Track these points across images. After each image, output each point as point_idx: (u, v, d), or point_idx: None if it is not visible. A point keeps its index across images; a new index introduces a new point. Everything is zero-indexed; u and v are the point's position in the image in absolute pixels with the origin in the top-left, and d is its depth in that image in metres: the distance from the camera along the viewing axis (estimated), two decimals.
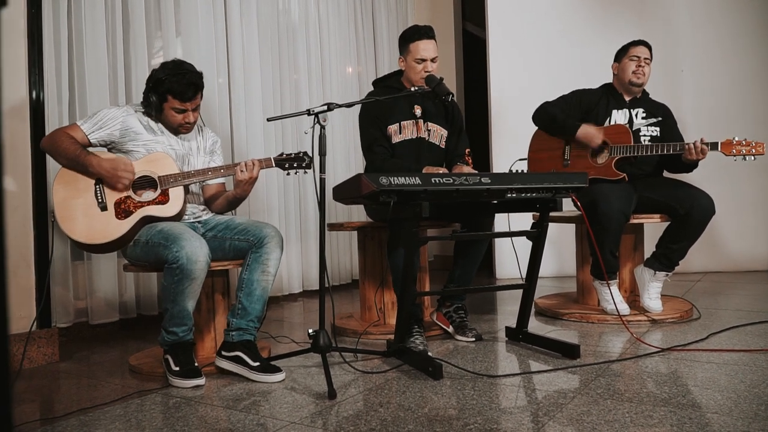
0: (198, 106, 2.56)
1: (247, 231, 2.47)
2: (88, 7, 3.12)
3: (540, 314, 3.42)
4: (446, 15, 5.85)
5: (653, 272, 3.13)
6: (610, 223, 2.98)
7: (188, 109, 2.50)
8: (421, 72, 2.88)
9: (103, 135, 2.44)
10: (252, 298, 2.41)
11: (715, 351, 2.51)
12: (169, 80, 2.43)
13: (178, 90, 2.44)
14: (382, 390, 2.15)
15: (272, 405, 2.03)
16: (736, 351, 2.50)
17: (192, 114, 2.53)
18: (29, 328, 2.44)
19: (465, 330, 2.85)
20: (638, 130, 3.24)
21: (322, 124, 2.37)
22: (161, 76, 2.45)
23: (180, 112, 2.50)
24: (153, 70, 2.53)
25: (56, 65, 2.99)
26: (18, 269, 2.59)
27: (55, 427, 1.89)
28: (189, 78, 2.45)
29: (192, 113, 2.53)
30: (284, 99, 4.25)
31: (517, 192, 2.51)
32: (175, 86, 2.43)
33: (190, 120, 2.53)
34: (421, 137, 2.98)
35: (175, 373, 2.30)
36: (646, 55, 3.24)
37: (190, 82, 2.46)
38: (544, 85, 3.77)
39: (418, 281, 3.12)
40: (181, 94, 2.45)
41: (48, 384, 2.40)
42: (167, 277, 2.25)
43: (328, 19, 4.67)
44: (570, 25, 4.93)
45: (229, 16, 3.88)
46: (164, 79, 2.44)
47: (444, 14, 5.86)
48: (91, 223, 2.34)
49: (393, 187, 2.27)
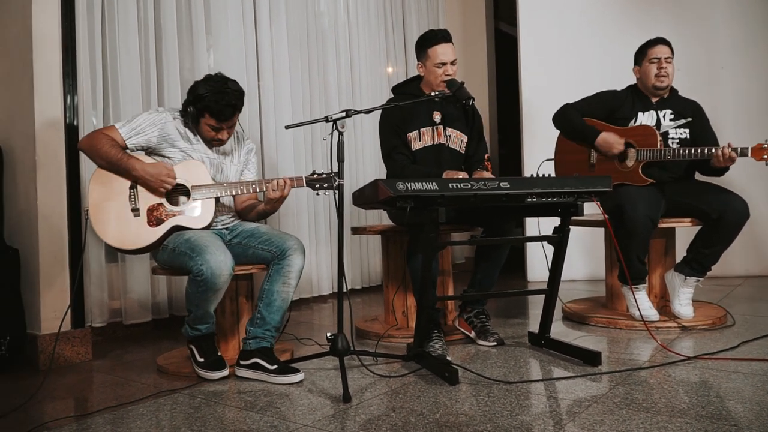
0: (234, 125, 2.57)
1: (270, 242, 2.52)
2: (121, 17, 3.22)
3: (567, 319, 3.38)
4: (478, 14, 5.82)
5: (684, 277, 3.06)
6: (636, 228, 2.92)
7: (224, 128, 2.53)
8: (442, 76, 2.89)
9: (141, 141, 2.49)
10: (271, 308, 2.46)
11: (744, 360, 2.44)
12: (209, 98, 2.42)
13: (215, 110, 2.44)
14: (397, 394, 2.17)
15: (288, 407, 2.07)
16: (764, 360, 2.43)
17: (227, 132, 2.55)
18: (58, 328, 2.53)
19: (487, 335, 2.85)
20: (666, 133, 3.16)
21: (341, 130, 2.40)
22: (203, 92, 2.44)
23: (215, 130, 2.52)
24: (196, 82, 2.52)
25: (91, 73, 3.10)
26: (53, 271, 2.70)
27: (81, 424, 1.98)
28: (228, 99, 2.44)
29: (227, 131, 2.55)
30: (313, 104, 4.29)
31: (538, 197, 2.49)
32: (213, 105, 2.43)
33: (223, 138, 2.55)
34: (440, 143, 2.98)
35: (201, 364, 2.41)
36: (666, 54, 3.16)
37: (229, 103, 2.45)
38: (576, 84, 3.69)
39: (442, 285, 3.13)
40: (218, 114, 2.45)
41: (79, 382, 2.50)
42: (191, 285, 2.31)
43: (357, 23, 4.69)
44: (602, 24, 4.84)
45: (259, 21, 3.94)
46: (205, 96, 2.43)
47: (475, 14, 5.83)
48: (123, 228, 2.41)
49: (409, 192, 2.29)
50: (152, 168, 2.43)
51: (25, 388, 2.38)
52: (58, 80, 2.75)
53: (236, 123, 2.61)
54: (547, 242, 2.65)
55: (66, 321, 2.70)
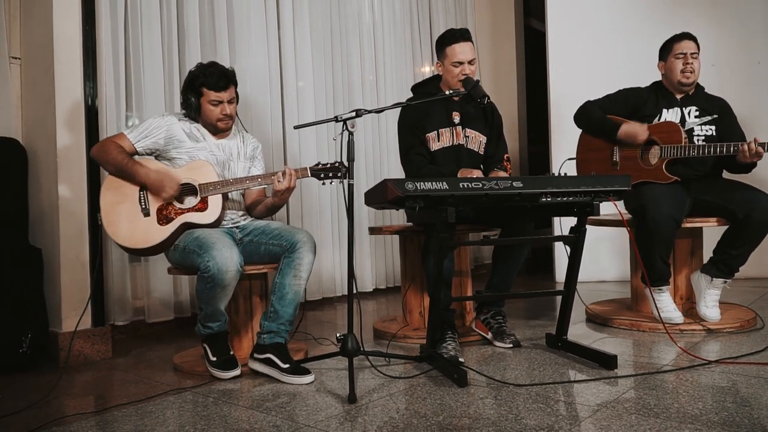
0: (233, 99, 2.66)
1: (280, 236, 2.54)
2: (144, 19, 3.28)
3: (590, 320, 3.30)
4: (507, 12, 5.75)
5: (710, 279, 2.96)
6: (659, 228, 2.84)
7: (223, 101, 2.61)
8: (459, 75, 2.85)
9: (149, 143, 2.57)
10: (284, 301, 2.47)
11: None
12: (202, 74, 2.60)
13: (211, 81, 2.58)
14: (404, 396, 2.15)
15: (293, 407, 2.08)
16: None
17: (228, 106, 2.63)
18: (75, 326, 2.59)
19: (503, 336, 2.80)
20: (692, 130, 3.06)
21: (351, 130, 2.39)
22: (195, 73, 2.62)
23: (216, 105, 2.61)
24: (188, 72, 2.68)
25: (115, 76, 3.16)
26: (74, 270, 2.76)
27: (89, 420, 2.02)
28: (220, 69, 2.62)
29: (228, 105, 2.63)
30: (337, 103, 4.30)
31: (553, 196, 2.44)
32: (208, 78, 2.59)
33: (226, 111, 2.63)
34: (459, 144, 2.95)
35: (213, 363, 2.45)
36: (692, 49, 3.06)
37: (222, 72, 2.62)
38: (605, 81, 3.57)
39: (460, 286, 3.10)
40: (214, 84, 2.58)
41: (95, 380, 2.56)
42: (200, 283, 2.35)
43: (382, 22, 4.68)
44: (632, 20, 4.71)
45: (282, 21, 3.97)
46: (197, 74, 2.61)
47: (505, 11, 5.76)
48: (134, 228, 2.47)
49: (419, 192, 2.26)
50: (155, 174, 2.49)
51: (44, 384, 2.45)
52: (79, 83, 2.82)
53: (235, 100, 2.68)
54: (563, 243, 2.60)
55: (86, 319, 2.79)
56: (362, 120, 4.30)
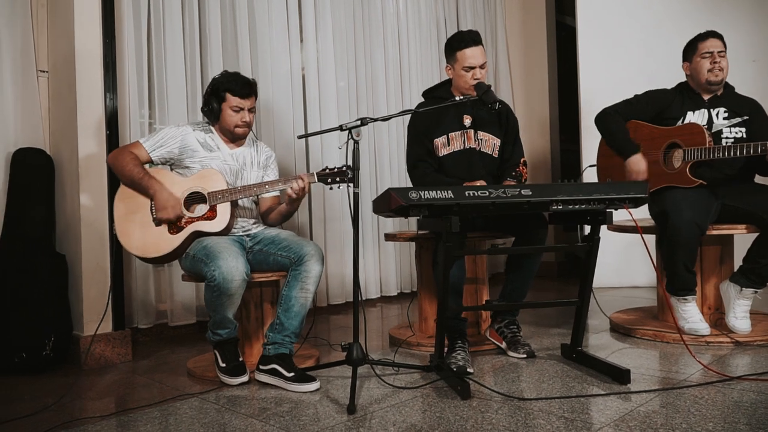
0: (253, 108, 2.72)
1: (289, 248, 2.56)
2: (167, 30, 3.36)
3: (613, 330, 3.21)
4: (538, 8, 5.63)
5: (740, 289, 2.83)
6: (681, 235, 2.73)
7: (245, 108, 2.67)
8: (470, 80, 2.81)
9: (164, 152, 2.62)
10: (289, 313, 2.49)
11: None
12: (226, 80, 2.68)
13: (235, 87, 2.65)
14: (404, 407, 2.13)
15: (293, 416, 2.09)
16: None
17: (248, 114, 2.69)
18: (94, 331, 2.67)
19: (517, 346, 2.75)
20: (719, 132, 2.93)
21: (355, 139, 2.39)
22: (220, 79, 2.70)
23: (237, 111, 2.66)
24: (212, 78, 2.75)
25: (138, 86, 3.26)
26: (95, 276, 2.85)
27: (95, 425, 2.07)
28: (244, 78, 2.71)
29: (248, 113, 2.69)
30: (360, 106, 4.30)
31: (564, 204, 2.38)
32: (232, 84, 2.66)
33: (246, 119, 2.69)
34: (471, 148, 2.90)
35: (223, 369, 2.48)
36: (719, 47, 2.93)
37: (245, 81, 2.70)
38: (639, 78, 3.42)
39: (475, 293, 3.06)
40: (239, 91, 2.65)
41: (109, 383, 2.62)
42: (207, 291, 2.38)
43: (407, 23, 4.64)
44: (668, 13, 4.54)
45: (305, 25, 4.00)
46: (222, 80, 2.68)
47: (536, 7, 5.65)
48: (145, 238, 2.53)
49: (422, 201, 2.24)
50: (162, 195, 2.54)
51: (61, 387, 2.52)
52: (99, 95, 2.90)
53: (254, 110, 2.74)
54: (575, 253, 2.53)
55: (108, 323, 2.87)
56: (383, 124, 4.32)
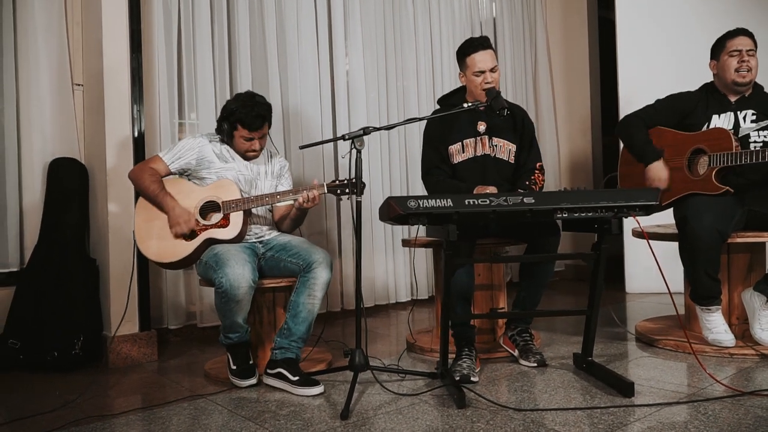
0: (265, 135, 2.79)
1: (298, 255, 2.62)
2: (197, 41, 3.49)
3: (638, 339, 3.12)
4: (580, 3, 5.50)
5: (765, 299, 2.70)
6: (700, 242, 2.63)
7: (255, 138, 2.74)
8: (482, 84, 2.80)
9: (182, 164, 2.74)
10: (297, 319, 2.55)
11: None
12: (239, 111, 2.69)
13: (246, 121, 2.68)
14: (398, 414, 2.16)
15: (288, 420, 2.15)
16: None
17: (258, 142, 2.76)
18: (113, 332, 2.82)
19: (528, 354, 2.72)
20: (747, 136, 2.80)
21: (358, 148, 2.43)
22: (233, 107, 2.71)
23: (247, 140, 2.74)
24: (227, 101, 2.81)
25: (169, 98, 3.40)
26: (122, 279, 2.99)
27: (102, 422, 2.19)
28: (257, 110, 2.69)
29: (258, 141, 2.76)
30: (391, 112, 4.33)
31: (569, 212, 2.35)
32: (244, 117, 2.68)
33: (255, 148, 2.76)
34: (486, 154, 2.89)
35: (233, 371, 2.58)
36: (748, 46, 2.79)
37: (258, 114, 2.69)
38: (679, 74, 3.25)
39: (491, 299, 3.05)
40: (249, 124, 2.69)
41: (128, 382, 2.75)
42: (216, 297, 2.48)
43: (440, 25, 4.62)
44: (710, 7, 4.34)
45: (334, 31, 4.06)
46: (235, 110, 2.70)
47: (578, 2, 5.52)
48: (162, 244, 2.65)
49: (421, 210, 2.26)
50: (176, 210, 2.64)
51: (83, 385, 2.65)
52: (127, 107, 3.05)
53: (267, 135, 2.80)
54: (582, 260, 2.48)
55: (134, 324, 3.03)
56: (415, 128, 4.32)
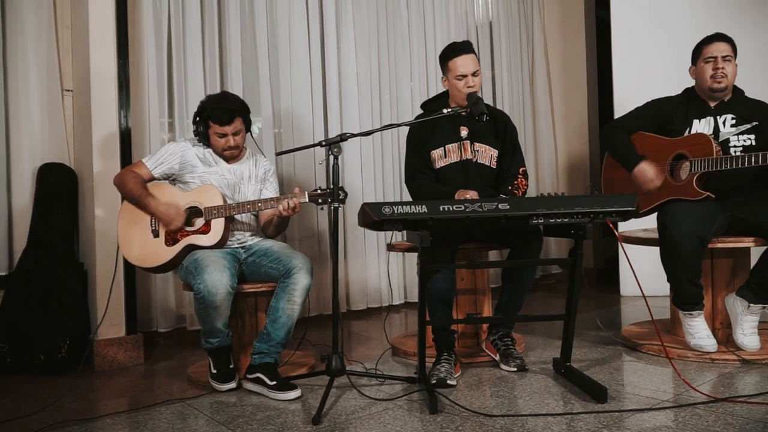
0: (239, 131, 2.78)
1: (279, 260, 2.65)
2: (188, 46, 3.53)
3: (623, 344, 3.11)
4: (577, 3, 5.48)
5: (747, 305, 2.69)
6: (679, 247, 2.62)
7: (228, 134, 2.74)
8: (463, 88, 2.81)
9: (165, 169, 2.77)
10: (276, 324, 2.58)
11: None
12: (209, 107, 2.73)
13: (216, 115, 2.70)
14: (370, 420, 2.17)
15: (261, 425, 2.17)
16: None
17: (233, 138, 2.75)
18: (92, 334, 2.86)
19: (509, 359, 2.73)
20: (727, 141, 2.78)
21: (335, 154, 2.44)
22: (204, 106, 2.76)
23: (221, 137, 2.74)
24: (200, 102, 2.82)
25: (159, 101, 3.44)
26: (108, 284, 3.02)
27: (82, 426, 2.23)
28: (225, 105, 2.72)
29: (233, 137, 2.75)
30: (384, 115, 4.33)
31: (544, 218, 2.35)
32: (214, 112, 2.71)
33: (231, 144, 2.76)
34: (468, 159, 2.90)
35: (213, 375, 2.62)
36: (725, 52, 2.77)
37: (227, 108, 2.71)
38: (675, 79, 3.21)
39: (475, 304, 3.05)
40: (219, 118, 2.70)
41: (109, 386, 2.78)
42: (195, 302, 2.51)
43: (434, 29, 4.62)
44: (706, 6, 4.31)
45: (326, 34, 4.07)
46: (206, 107, 2.74)
47: (576, 2, 5.50)
48: (144, 248, 2.68)
49: (395, 216, 2.28)
50: (164, 207, 2.67)
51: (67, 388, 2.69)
52: (113, 113, 3.09)
53: (243, 132, 2.79)
54: (558, 266, 2.48)
55: (121, 328, 3.07)
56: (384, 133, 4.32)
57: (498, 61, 5.10)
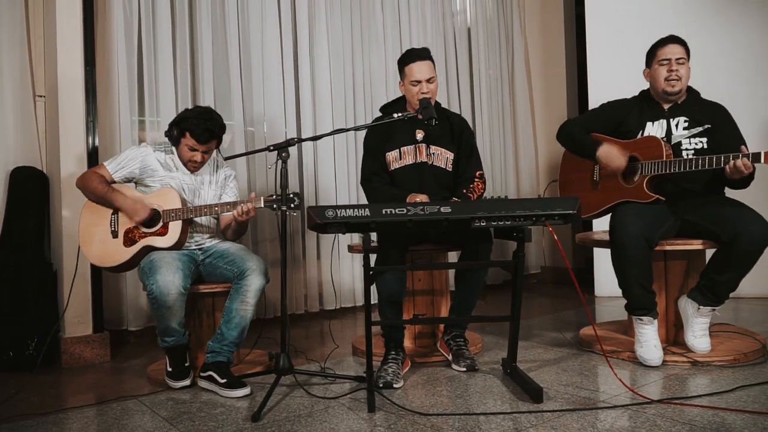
0: (210, 151, 2.87)
1: (233, 262, 2.72)
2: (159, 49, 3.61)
3: (580, 344, 3.14)
4: (557, 2, 5.50)
5: (697, 307, 2.71)
6: (627, 250, 2.65)
7: (199, 150, 2.82)
8: (418, 94, 2.85)
9: (125, 173, 2.84)
10: (230, 325, 2.64)
11: (717, 409, 2.14)
12: (191, 120, 2.77)
13: (196, 131, 2.76)
14: (308, 418, 2.23)
15: (203, 421, 2.24)
16: (742, 411, 2.10)
17: (201, 155, 2.84)
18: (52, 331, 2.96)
19: (459, 359, 2.77)
20: (679, 144, 2.81)
21: (284, 159, 2.50)
22: (188, 115, 2.81)
23: (192, 150, 2.82)
24: (185, 109, 2.90)
25: (130, 107, 3.52)
26: (76, 283, 3.10)
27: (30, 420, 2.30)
28: (209, 125, 2.77)
29: (201, 155, 2.84)
30: (358, 117, 4.39)
31: (486, 220, 2.40)
32: (194, 128, 2.76)
33: (197, 160, 2.84)
34: (423, 162, 2.94)
35: (168, 373, 2.69)
36: (678, 54, 2.79)
37: (209, 128, 2.77)
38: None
39: (432, 305, 3.10)
40: (197, 135, 2.77)
41: (74, 382, 2.87)
42: (149, 301, 2.58)
43: (410, 28, 4.67)
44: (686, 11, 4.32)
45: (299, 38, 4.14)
46: (189, 117, 2.79)
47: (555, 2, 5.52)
48: (103, 248, 2.76)
49: (339, 219, 2.33)
50: (131, 201, 2.74)
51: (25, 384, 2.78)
52: (81, 118, 3.17)
53: (213, 151, 2.87)
54: (501, 268, 2.53)
55: (87, 326, 3.15)
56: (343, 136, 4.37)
57: (476, 64, 5.13)
